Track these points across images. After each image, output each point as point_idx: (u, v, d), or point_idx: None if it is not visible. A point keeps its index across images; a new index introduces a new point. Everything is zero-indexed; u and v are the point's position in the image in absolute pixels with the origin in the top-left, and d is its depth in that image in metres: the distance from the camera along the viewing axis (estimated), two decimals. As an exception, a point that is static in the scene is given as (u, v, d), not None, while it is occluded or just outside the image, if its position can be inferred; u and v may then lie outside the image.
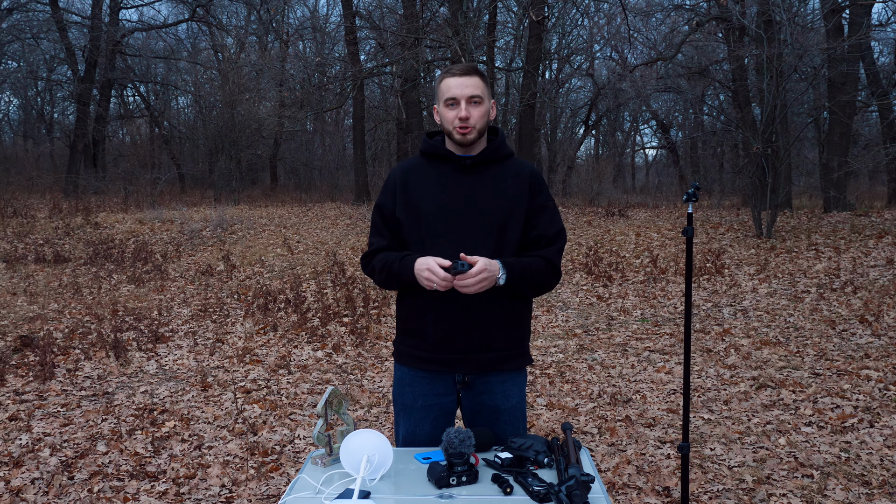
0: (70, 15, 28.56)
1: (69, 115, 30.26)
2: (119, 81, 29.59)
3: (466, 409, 2.77)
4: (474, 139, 2.64)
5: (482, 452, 2.58)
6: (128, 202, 20.42)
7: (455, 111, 2.61)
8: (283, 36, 28.59)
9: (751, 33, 14.16)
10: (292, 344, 7.60)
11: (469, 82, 2.61)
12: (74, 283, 10.67)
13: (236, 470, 4.57)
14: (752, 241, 12.15)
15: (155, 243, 14.00)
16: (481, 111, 2.63)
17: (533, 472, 2.40)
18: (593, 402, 5.78)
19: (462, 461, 2.36)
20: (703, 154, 29.46)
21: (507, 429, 2.75)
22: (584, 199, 22.69)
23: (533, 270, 2.62)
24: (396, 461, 2.50)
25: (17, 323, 8.56)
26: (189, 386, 6.27)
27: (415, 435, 2.77)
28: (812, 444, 4.75)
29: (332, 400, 2.61)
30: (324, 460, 2.55)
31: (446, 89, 2.63)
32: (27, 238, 14.33)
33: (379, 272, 2.67)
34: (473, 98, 2.61)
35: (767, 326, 7.77)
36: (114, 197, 22.53)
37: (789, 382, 5.94)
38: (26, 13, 28.81)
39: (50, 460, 4.68)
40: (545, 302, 9.43)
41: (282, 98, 21.52)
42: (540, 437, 2.58)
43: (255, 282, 10.76)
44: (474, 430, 2.64)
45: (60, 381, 6.36)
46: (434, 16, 18.39)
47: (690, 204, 2.74)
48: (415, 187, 2.67)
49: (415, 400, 2.74)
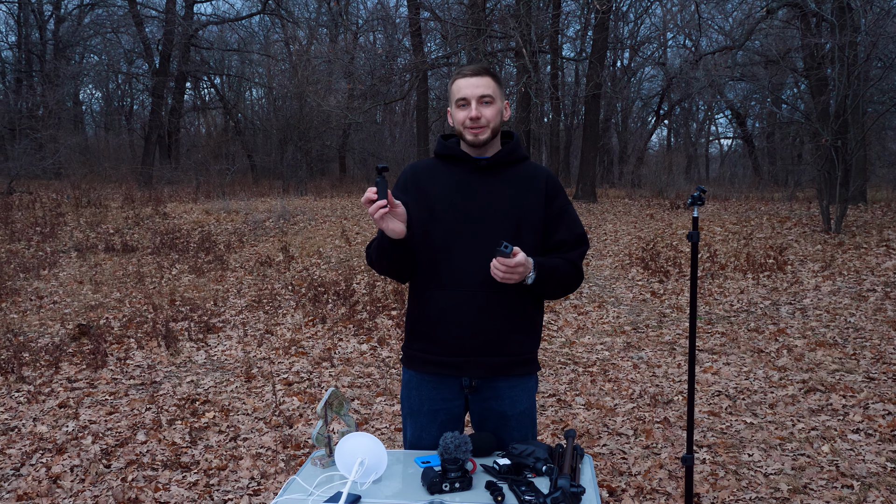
0: (147, 10, 29.35)
1: (147, 107, 31.12)
2: (193, 74, 30.30)
3: (474, 414, 2.75)
4: (487, 139, 2.61)
5: (483, 458, 2.55)
6: (198, 192, 20.91)
7: (466, 111, 2.59)
8: (350, 27, 28.82)
9: (826, 19, 13.65)
10: (338, 336, 7.66)
11: (480, 82, 2.59)
12: (138, 273, 10.97)
13: (267, 463, 4.63)
14: (820, 236, 11.74)
15: (219, 233, 14.29)
16: (493, 111, 2.60)
17: (529, 480, 2.36)
18: (633, 402, 5.67)
19: (456, 467, 2.33)
20: (781, 145, 28.64)
21: (515, 434, 2.71)
22: (653, 191, 22.28)
23: (560, 272, 2.61)
24: (398, 464, 2.50)
25: (79, 311, 8.85)
26: (234, 377, 6.38)
27: (421, 439, 2.76)
28: (857, 453, 4.56)
29: (333, 401, 2.62)
30: (323, 461, 2.56)
31: (457, 90, 2.62)
32: (99, 227, 14.80)
33: (373, 251, 2.63)
34: (484, 98, 2.58)
35: (826, 326, 7.49)
36: (186, 187, 23.11)
37: (840, 386, 5.72)
38: (107, 8, 29.76)
39: (91, 448, 4.83)
40: (597, 297, 9.29)
41: (350, 90, 21.74)
42: (543, 444, 2.54)
43: (310, 273, 10.89)
44: (476, 435, 2.61)
45: (111, 370, 6.55)
46: (496, 6, 18.26)
47: (696, 208, 2.64)
48: (429, 187, 2.65)
49: (421, 404, 2.73)
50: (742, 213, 15.11)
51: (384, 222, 2.40)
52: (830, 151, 11.99)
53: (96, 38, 31.70)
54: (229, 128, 32.45)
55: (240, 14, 31.80)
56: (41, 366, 6.61)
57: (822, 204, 12.22)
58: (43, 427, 5.21)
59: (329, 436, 2.59)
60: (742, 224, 13.40)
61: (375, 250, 2.61)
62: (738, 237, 12.21)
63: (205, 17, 30.78)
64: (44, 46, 30.94)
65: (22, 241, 13.31)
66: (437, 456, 2.48)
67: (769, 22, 17.02)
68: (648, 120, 35.54)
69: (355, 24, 32.08)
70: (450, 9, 21.00)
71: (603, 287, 9.85)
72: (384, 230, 2.44)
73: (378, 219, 2.38)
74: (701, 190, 2.61)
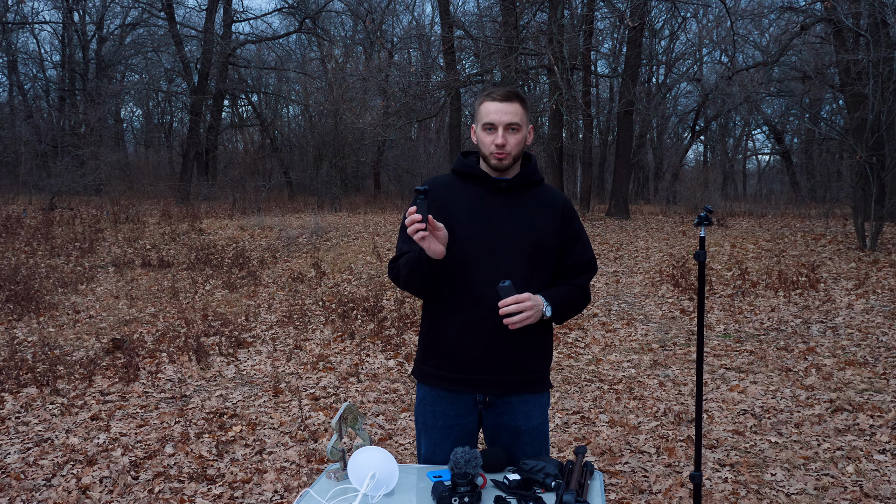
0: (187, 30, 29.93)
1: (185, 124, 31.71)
2: (231, 92, 30.79)
3: (488, 429, 2.78)
4: (509, 165, 2.67)
5: (494, 473, 2.58)
6: (234, 209, 21.20)
7: (492, 136, 2.63)
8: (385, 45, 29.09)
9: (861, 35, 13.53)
10: (366, 352, 7.73)
11: (508, 109, 2.63)
12: (173, 288, 11.17)
13: (291, 476, 4.70)
14: (854, 253, 11.59)
15: (253, 249, 14.49)
16: (518, 138, 2.65)
17: (538, 495, 2.39)
18: (657, 420, 5.66)
19: (466, 482, 2.36)
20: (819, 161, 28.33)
21: (528, 450, 2.75)
22: (688, 208, 22.13)
23: (571, 300, 2.71)
24: (412, 478, 2.54)
25: (114, 325, 9.04)
26: (262, 391, 6.48)
27: (435, 454, 2.79)
28: (882, 473, 4.51)
29: (347, 415, 2.67)
30: (337, 475, 2.61)
31: (486, 113, 2.65)
32: (136, 243, 15.09)
33: (403, 268, 2.66)
34: (512, 125, 2.62)
35: (857, 345, 7.40)
36: (222, 203, 23.45)
37: (868, 406, 5.65)
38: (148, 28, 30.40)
39: (121, 460, 4.93)
40: (626, 315, 9.27)
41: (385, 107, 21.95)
42: (554, 460, 2.57)
43: (341, 289, 10.99)
44: (487, 450, 2.65)
45: (143, 383, 6.69)
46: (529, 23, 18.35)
47: (703, 228, 2.67)
48: (446, 206, 2.68)
49: (435, 420, 2.77)
50: (777, 230, 14.96)
51: (425, 242, 2.46)
52: (865, 168, 11.86)
53: (137, 57, 32.45)
54: (266, 145, 32.90)
55: (277, 33, 32.29)
56: (75, 379, 6.77)
57: (857, 221, 12.08)
58: (75, 439, 5.34)
59: (343, 449, 2.64)
60: (776, 241, 13.27)
61: (407, 267, 2.63)
62: (770, 254, 12.10)
63: (243, 37, 31.32)
64: (86, 65, 31.69)
65: (61, 257, 13.62)
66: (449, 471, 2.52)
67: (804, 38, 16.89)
68: (684, 136, 35.33)
69: (390, 42, 32.40)
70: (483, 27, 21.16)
71: (632, 304, 9.82)
72: (426, 250, 2.50)
73: (419, 239, 2.44)
74: (707, 210, 2.64)
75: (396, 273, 2.72)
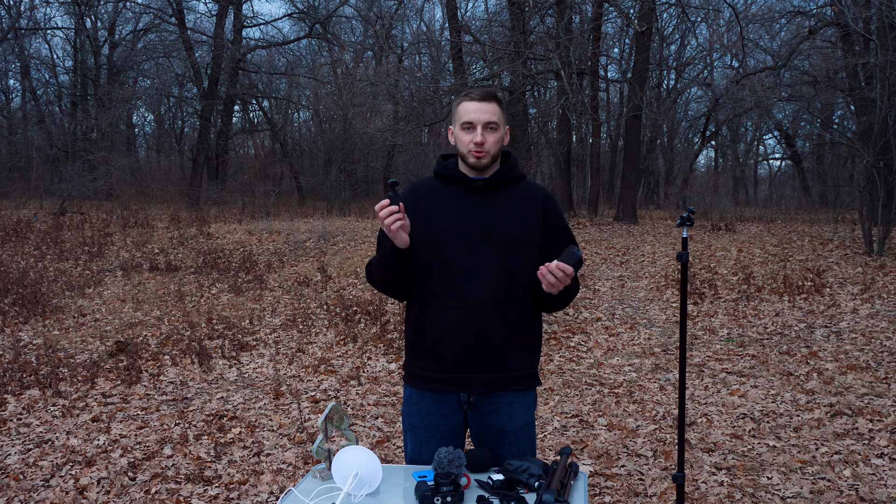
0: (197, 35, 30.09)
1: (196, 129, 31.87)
2: (241, 97, 30.91)
3: (473, 430, 2.79)
4: (488, 164, 2.68)
5: (479, 473, 2.59)
6: (243, 213, 21.28)
7: (471, 135, 2.65)
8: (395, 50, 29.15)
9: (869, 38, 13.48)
10: (367, 355, 7.75)
11: (486, 108, 2.65)
12: (179, 292, 11.22)
13: (287, 478, 4.72)
14: (861, 258, 11.53)
15: (260, 254, 14.54)
16: (496, 137, 2.67)
17: (521, 495, 2.39)
18: (655, 423, 5.65)
19: (449, 481, 2.37)
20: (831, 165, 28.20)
21: (513, 451, 2.75)
22: (697, 213, 22.06)
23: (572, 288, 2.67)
24: (397, 478, 2.55)
25: (119, 328, 9.09)
26: (263, 394, 6.51)
27: (421, 454, 2.80)
28: (879, 478, 4.49)
29: (333, 416, 2.68)
30: (323, 474, 2.62)
31: (464, 113, 2.67)
32: (145, 247, 15.17)
33: (374, 266, 2.71)
34: (490, 124, 2.64)
35: (860, 350, 7.37)
36: (232, 208, 23.54)
37: (868, 410, 5.63)
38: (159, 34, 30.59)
39: (119, 461, 4.96)
40: (630, 319, 9.25)
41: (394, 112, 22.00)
42: (539, 460, 2.57)
43: (346, 293, 11.02)
44: (472, 450, 2.66)
45: (145, 386, 6.72)
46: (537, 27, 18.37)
47: (685, 229, 2.67)
48: (427, 208, 2.71)
49: (420, 419, 2.78)
50: (784, 235, 14.90)
51: (399, 232, 2.49)
52: (872, 172, 11.81)
53: (148, 62, 32.64)
54: (276, 150, 33.01)
55: (287, 38, 32.38)
56: (78, 381, 6.81)
57: (864, 226, 12.02)
58: (75, 440, 5.38)
59: (329, 449, 2.65)
60: (783, 246, 13.22)
61: (378, 264, 2.68)
62: (776, 259, 12.06)
63: (253, 42, 31.42)
64: (98, 71, 31.91)
65: (70, 260, 13.71)
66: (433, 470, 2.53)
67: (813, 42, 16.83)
68: (694, 141, 35.24)
69: (400, 48, 32.48)
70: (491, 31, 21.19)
71: (636, 309, 9.80)
72: (395, 240, 2.52)
73: (395, 229, 2.47)
74: (689, 211, 2.64)
75: (371, 273, 2.77)
